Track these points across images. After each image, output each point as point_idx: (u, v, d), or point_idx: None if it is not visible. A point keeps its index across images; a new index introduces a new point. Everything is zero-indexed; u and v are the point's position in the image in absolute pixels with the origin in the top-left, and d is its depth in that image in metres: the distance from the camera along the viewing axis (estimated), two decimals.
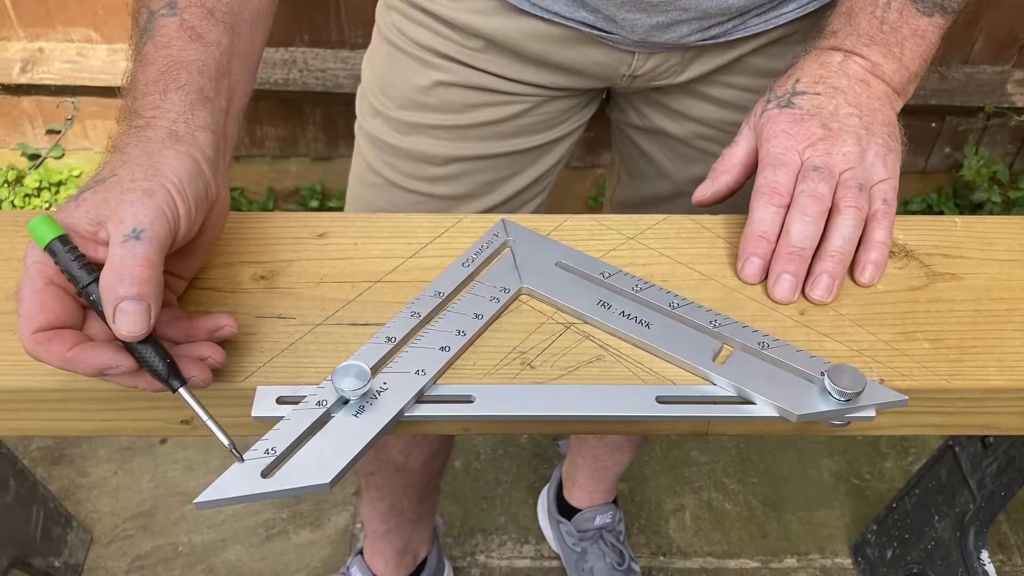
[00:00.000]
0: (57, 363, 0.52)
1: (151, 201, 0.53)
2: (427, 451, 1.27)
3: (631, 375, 0.60)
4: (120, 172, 0.55)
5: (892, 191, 0.68)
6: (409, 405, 0.57)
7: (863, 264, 0.66)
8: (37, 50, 2.03)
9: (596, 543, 1.55)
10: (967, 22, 1.99)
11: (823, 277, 0.64)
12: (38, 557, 1.43)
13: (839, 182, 0.66)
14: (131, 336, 0.51)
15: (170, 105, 0.60)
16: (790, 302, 0.64)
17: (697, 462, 1.76)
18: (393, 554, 1.44)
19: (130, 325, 0.50)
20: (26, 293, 0.52)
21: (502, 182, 1.00)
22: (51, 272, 0.53)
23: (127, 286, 0.50)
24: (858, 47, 0.72)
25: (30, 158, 2.19)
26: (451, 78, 0.92)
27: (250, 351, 0.60)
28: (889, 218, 0.67)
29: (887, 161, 0.68)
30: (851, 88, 0.70)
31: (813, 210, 0.64)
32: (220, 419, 0.60)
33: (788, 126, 0.68)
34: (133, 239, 0.51)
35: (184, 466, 1.70)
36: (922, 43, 0.73)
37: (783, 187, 0.65)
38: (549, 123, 0.98)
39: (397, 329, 0.61)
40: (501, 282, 0.64)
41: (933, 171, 2.26)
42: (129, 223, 0.52)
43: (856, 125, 0.68)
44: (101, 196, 0.54)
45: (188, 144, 0.58)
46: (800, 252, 0.64)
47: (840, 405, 0.57)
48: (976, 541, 1.30)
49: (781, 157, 0.66)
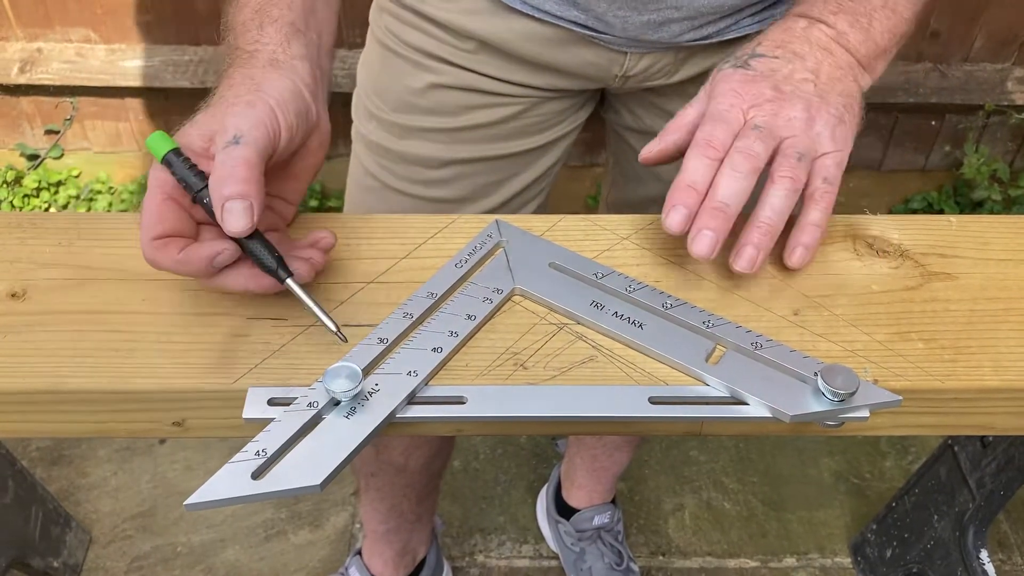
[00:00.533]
0: (172, 265, 0.56)
1: (251, 111, 0.58)
2: (428, 452, 1.27)
3: (624, 376, 0.60)
4: (226, 93, 0.61)
5: (836, 167, 0.65)
6: (401, 406, 0.57)
7: (793, 246, 0.64)
8: (36, 50, 2.03)
9: (595, 543, 1.55)
10: (967, 19, 1.98)
11: (747, 248, 0.61)
12: (37, 557, 1.43)
13: (779, 148, 0.63)
14: (238, 231, 0.55)
15: (267, 38, 0.66)
16: (708, 258, 0.60)
17: (696, 461, 1.76)
18: (392, 554, 1.44)
19: (236, 222, 0.54)
20: (147, 206, 0.57)
21: (499, 185, 1.00)
22: (169, 188, 0.57)
23: (230, 186, 0.54)
24: (824, 14, 0.70)
25: (29, 158, 2.19)
26: (445, 80, 0.92)
27: (242, 352, 0.60)
28: (828, 199, 0.64)
29: (836, 132, 0.65)
30: (812, 54, 0.68)
31: (744, 167, 0.61)
32: (212, 420, 0.60)
33: (738, 85, 0.66)
34: (233, 144, 0.56)
35: (183, 466, 1.70)
36: (893, 16, 0.71)
37: (718, 141, 0.63)
38: (544, 125, 0.97)
39: (389, 330, 0.60)
40: (494, 283, 0.64)
41: (933, 169, 2.26)
42: (231, 131, 0.57)
43: (809, 91, 0.66)
44: (210, 114, 0.60)
45: (287, 70, 0.63)
46: (724, 208, 0.60)
47: (834, 406, 0.57)
48: (975, 540, 1.30)
49: (723, 113, 0.64)
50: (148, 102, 2.12)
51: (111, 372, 0.59)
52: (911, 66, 2.06)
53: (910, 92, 2.05)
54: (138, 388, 0.58)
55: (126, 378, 0.58)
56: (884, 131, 2.18)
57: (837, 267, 0.67)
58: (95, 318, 0.62)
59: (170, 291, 0.64)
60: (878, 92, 2.04)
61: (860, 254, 0.68)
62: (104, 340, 0.60)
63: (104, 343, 0.60)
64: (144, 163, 2.20)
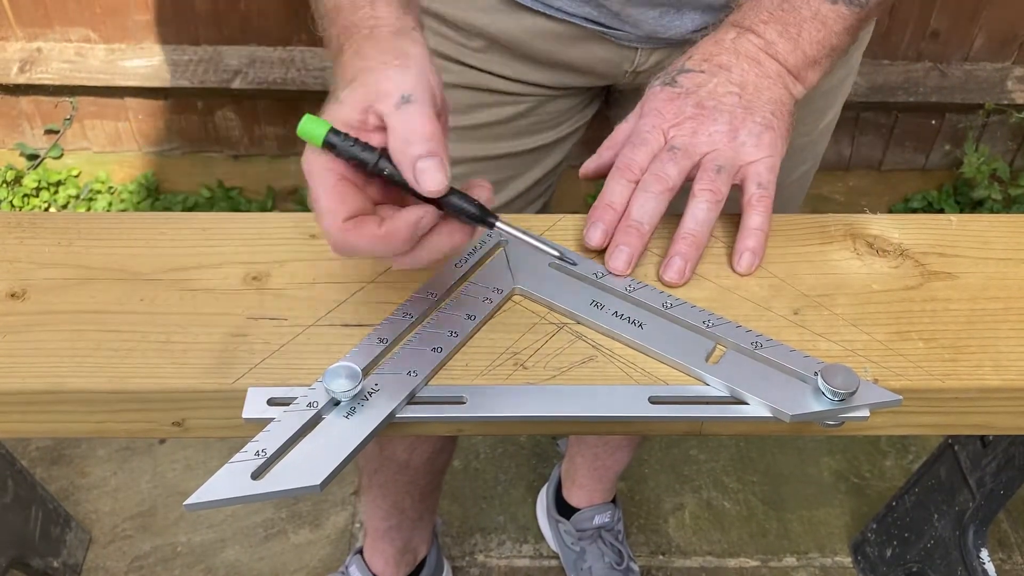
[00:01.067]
0: (371, 243, 0.52)
1: (408, 71, 0.54)
2: (431, 449, 1.27)
3: (624, 375, 0.60)
4: (367, 64, 0.56)
5: (768, 171, 0.67)
6: (401, 406, 0.57)
7: (739, 252, 0.66)
8: (35, 50, 2.03)
9: (595, 543, 1.54)
10: (967, 19, 1.98)
11: (675, 259, 0.65)
12: (37, 557, 1.43)
13: (699, 164, 0.66)
14: (436, 190, 0.52)
15: (382, 12, 0.62)
16: (623, 273, 0.64)
17: (696, 461, 1.76)
18: (393, 553, 1.44)
19: (432, 181, 0.52)
20: (321, 192, 0.53)
21: (506, 183, 0.99)
22: (340, 169, 0.54)
23: (418, 145, 0.52)
24: (755, 24, 0.71)
25: (29, 158, 2.19)
26: (452, 79, 0.91)
27: (241, 352, 0.60)
28: (765, 202, 0.66)
29: (762, 139, 0.67)
30: (738, 65, 0.70)
31: (655, 188, 0.65)
32: (212, 420, 0.60)
33: (662, 104, 0.69)
34: (405, 103, 0.53)
35: (183, 466, 1.70)
36: (822, 29, 0.72)
37: (636, 164, 0.67)
38: (551, 123, 0.97)
39: (389, 330, 0.60)
40: (494, 282, 0.64)
41: (933, 169, 2.25)
42: (396, 92, 0.53)
43: (733, 104, 0.68)
44: (360, 85, 0.55)
45: (413, 38, 0.60)
46: (638, 226, 0.64)
47: (834, 405, 0.56)
48: (976, 539, 1.30)
49: (644, 135, 0.68)
50: (148, 102, 2.11)
51: (110, 372, 0.59)
52: (911, 65, 2.06)
53: (910, 91, 2.05)
54: (137, 388, 0.58)
55: (125, 378, 0.58)
56: (884, 130, 2.18)
57: (837, 266, 0.67)
58: (94, 318, 0.62)
59: (169, 291, 0.64)
60: (878, 92, 2.04)
61: (860, 253, 0.68)
62: (103, 340, 0.60)
63: (103, 343, 0.60)
64: (143, 163, 2.20)
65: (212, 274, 0.65)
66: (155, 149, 2.20)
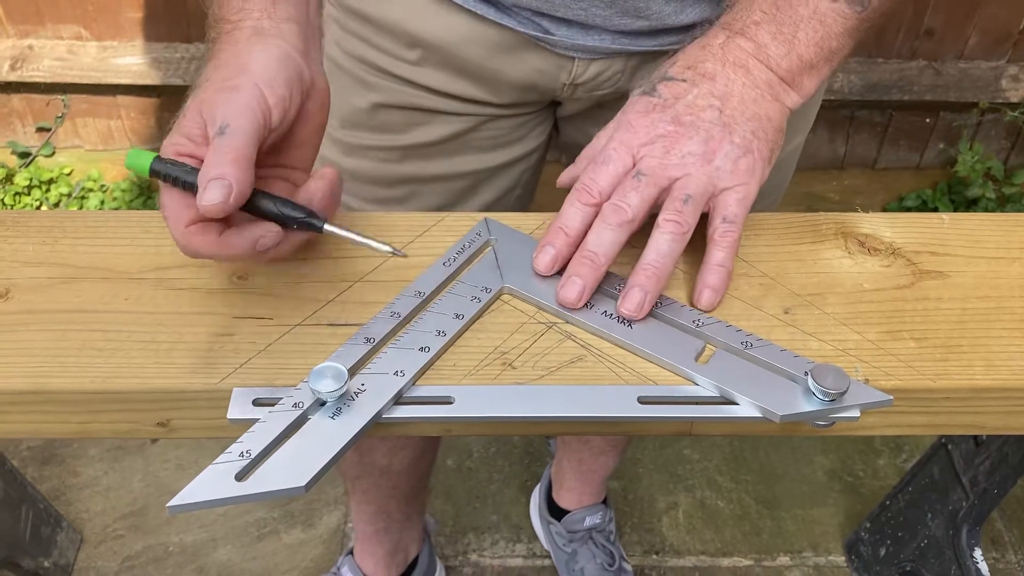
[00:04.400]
0: (211, 249, 0.56)
1: (238, 96, 0.56)
2: (412, 453, 1.26)
3: (613, 375, 0.59)
4: (212, 75, 0.59)
5: (737, 204, 0.62)
6: (387, 407, 0.56)
7: (700, 289, 0.63)
8: (27, 47, 2.02)
9: (586, 544, 1.54)
10: (962, 17, 1.98)
11: (634, 291, 0.60)
12: (27, 558, 1.42)
13: (668, 189, 0.62)
14: (209, 204, 0.53)
15: (252, 5, 0.62)
16: (575, 305, 0.61)
17: (690, 460, 1.75)
18: (383, 554, 1.43)
19: (209, 196, 0.53)
20: (168, 199, 0.56)
21: (453, 206, 0.97)
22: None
23: (211, 171, 0.54)
24: (747, 26, 0.66)
25: (20, 156, 2.18)
26: (388, 99, 0.89)
27: (227, 352, 0.59)
28: (729, 238, 0.62)
29: (739, 165, 0.63)
30: (723, 74, 0.65)
31: (614, 220, 0.60)
32: (197, 420, 0.60)
33: (635, 117, 0.64)
34: (218, 136, 0.55)
35: (175, 465, 1.69)
36: (820, 29, 0.66)
37: (596, 187, 0.62)
38: (495, 143, 0.94)
39: (376, 329, 0.60)
40: (483, 282, 0.63)
41: (927, 167, 2.25)
42: (217, 121, 0.56)
43: (711, 119, 0.63)
44: (199, 101, 0.58)
45: (273, 37, 0.61)
46: (593, 258, 0.60)
47: (824, 405, 0.56)
48: (969, 539, 1.29)
49: (609, 152, 0.63)
50: (140, 100, 2.11)
51: (94, 372, 0.58)
52: (905, 64, 2.06)
53: (904, 90, 2.05)
54: (121, 388, 0.57)
55: (109, 378, 0.58)
56: (878, 129, 2.18)
57: (828, 265, 0.67)
58: (78, 317, 0.61)
59: (154, 290, 0.63)
60: (873, 90, 2.04)
61: (851, 252, 0.68)
62: (87, 339, 0.60)
63: (87, 342, 0.59)
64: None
65: (197, 273, 0.64)
66: (147, 147, 2.19)
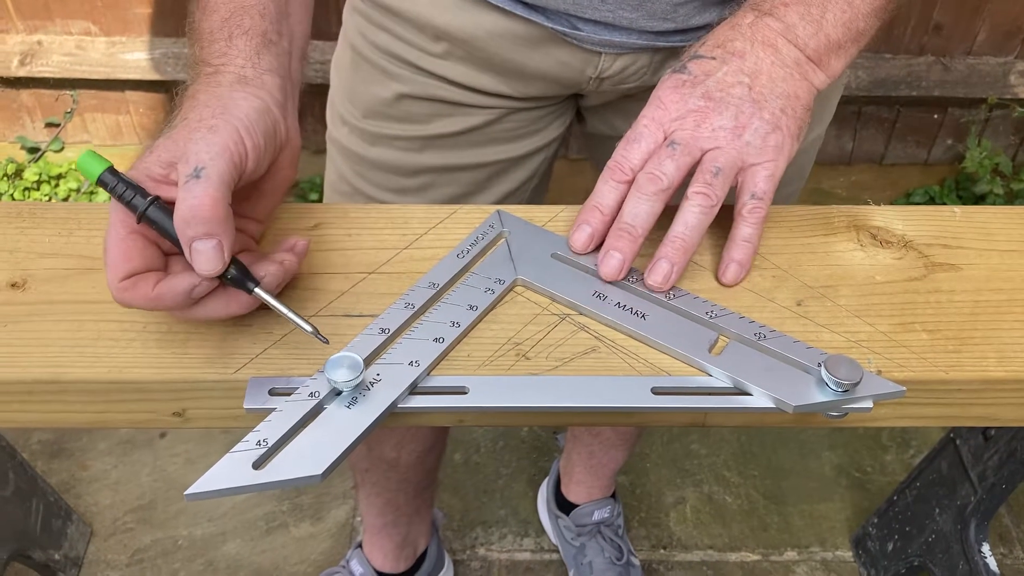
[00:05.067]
0: (145, 304, 0.54)
1: (215, 137, 0.54)
2: (420, 447, 1.26)
3: (626, 366, 0.59)
4: (189, 115, 0.57)
5: (766, 180, 0.63)
6: (402, 396, 0.56)
7: (726, 262, 0.64)
8: (36, 43, 2.03)
9: (594, 538, 1.54)
10: (970, 12, 1.98)
11: (662, 263, 0.61)
12: (38, 550, 1.43)
13: (699, 162, 0.62)
14: (210, 273, 0.53)
15: (236, 51, 0.62)
16: (616, 279, 0.62)
17: (698, 455, 1.76)
18: (392, 547, 1.44)
19: (206, 263, 0.52)
20: (110, 243, 0.54)
21: (471, 196, 0.98)
22: (132, 221, 0.55)
23: (195, 226, 0.52)
24: (775, 7, 0.67)
25: (29, 151, 2.19)
26: (412, 90, 0.89)
27: (243, 342, 0.59)
28: (758, 214, 0.63)
29: (768, 141, 0.63)
30: (752, 53, 0.65)
31: (649, 189, 0.61)
32: (213, 410, 0.60)
33: (666, 93, 0.65)
34: (194, 179, 0.53)
35: (184, 460, 1.70)
36: (848, 9, 0.67)
37: (628, 163, 0.63)
38: (516, 135, 0.95)
39: (391, 320, 0.60)
40: (496, 273, 0.64)
41: (935, 163, 2.25)
42: (192, 162, 0.53)
43: (741, 96, 0.64)
44: (172, 139, 0.56)
45: (256, 87, 0.60)
46: (630, 230, 0.61)
47: (837, 396, 0.56)
48: (977, 534, 1.30)
49: (640, 130, 0.64)
50: (148, 95, 2.11)
51: (110, 362, 0.58)
52: (914, 59, 2.05)
53: (912, 85, 2.05)
54: (138, 378, 0.58)
55: (126, 368, 0.58)
56: (886, 125, 2.18)
57: (840, 258, 0.67)
58: (95, 308, 0.61)
59: None
60: (880, 86, 2.04)
61: (863, 245, 0.68)
62: (104, 330, 0.60)
63: (104, 333, 0.60)
64: None
65: None
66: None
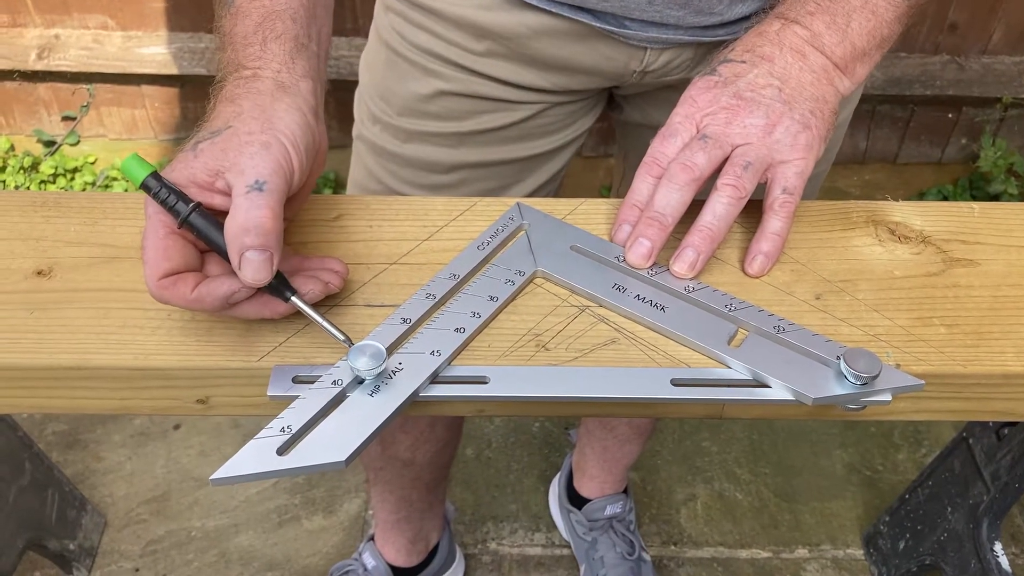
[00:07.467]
0: (184, 303, 0.55)
1: (269, 154, 0.56)
2: (434, 446, 1.27)
3: (646, 358, 0.60)
4: (235, 124, 0.57)
5: (796, 176, 0.64)
6: (424, 385, 0.57)
7: (753, 253, 0.65)
8: (53, 37, 2.04)
9: (606, 533, 1.55)
10: (985, 11, 1.97)
11: (688, 251, 0.63)
12: (53, 540, 1.44)
13: (729, 157, 0.64)
14: (256, 283, 0.54)
15: (271, 56, 0.62)
16: (643, 267, 0.63)
17: (709, 452, 1.76)
18: (404, 542, 1.44)
19: (255, 273, 0.53)
20: (149, 242, 0.55)
21: (505, 189, 0.98)
22: (172, 223, 0.56)
23: (253, 237, 0.53)
24: (801, 16, 0.69)
25: (46, 144, 2.20)
26: (453, 87, 0.90)
27: (266, 331, 0.60)
28: (788, 208, 0.64)
29: (798, 140, 0.64)
30: (781, 58, 0.67)
31: (680, 178, 0.62)
32: (236, 397, 0.61)
33: (698, 92, 0.66)
34: (256, 191, 0.54)
35: (198, 451, 1.71)
36: (872, 18, 0.69)
37: (664, 159, 0.64)
38: (552, 128, 0.95)
39: (412, 310, 0.61)
40: (516, 265, 0.64)
41: (949, 162, 2.25)
42: (251, 175, 0.54)
43: (771, 97, 0.65)
44: (219, 147, 0.56)
45: (294, 95, 0.60)
46: (660, 218, 0.63)
47: (856, 389, 0.57)
48: (989, 533, 1.29)
49: (675, 126, 0.65)
50: (164, 89, 2.12)
51: (135, 349, 0.59)
52: (928, 58, 2.05)
53: (927, 84, 2.05)
54: (162, 365, 0.59)
55: (150, 355, 0.59)
56: (900, 124, 2.17)
57: (859, 252, 0.67)
58: (120, 296, 0.62)
59: None
60: (895, 85, 2.04)
61: (882, 240, 0.68)
62: (129, 318, 0.61)
63: (129, 320, 0.61)
64: (159, 151, 2.20)
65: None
66: (171, 137, 2.21)
